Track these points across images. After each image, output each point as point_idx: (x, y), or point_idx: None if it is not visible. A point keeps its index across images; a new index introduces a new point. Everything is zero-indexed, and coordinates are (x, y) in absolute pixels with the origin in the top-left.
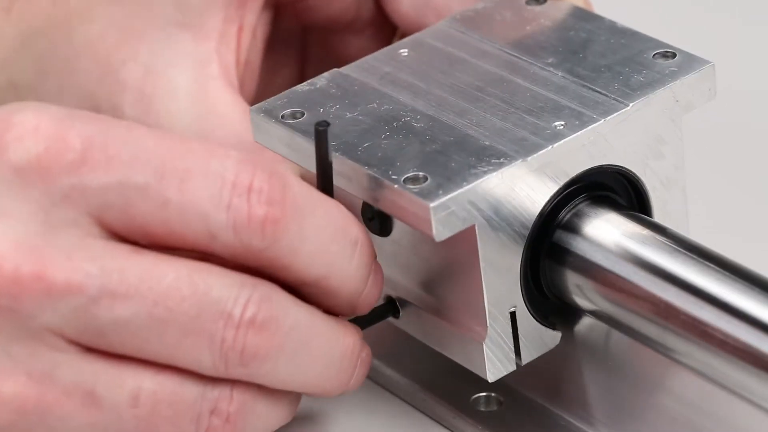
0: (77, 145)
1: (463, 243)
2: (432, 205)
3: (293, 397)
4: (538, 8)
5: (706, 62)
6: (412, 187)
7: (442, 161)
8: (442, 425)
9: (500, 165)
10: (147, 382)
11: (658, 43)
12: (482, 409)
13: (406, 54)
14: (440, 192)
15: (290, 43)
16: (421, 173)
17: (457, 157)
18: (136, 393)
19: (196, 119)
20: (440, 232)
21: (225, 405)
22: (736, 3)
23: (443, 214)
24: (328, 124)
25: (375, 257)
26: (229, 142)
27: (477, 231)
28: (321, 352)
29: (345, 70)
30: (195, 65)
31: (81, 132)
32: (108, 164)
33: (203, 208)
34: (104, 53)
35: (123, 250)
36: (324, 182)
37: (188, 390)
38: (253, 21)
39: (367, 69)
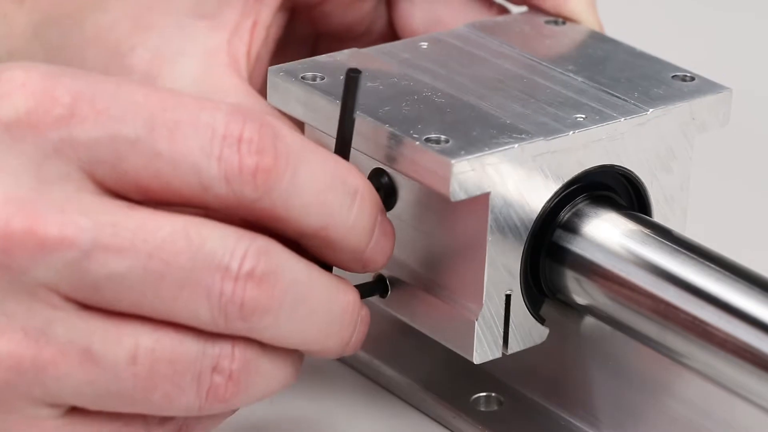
0: (66, 100)
1: (472, 213)
2: (453, 161)
3: (296, 357)
4: (557, 28)
5: (725, 88)
6: (433, 145)
7: (464, 129)
8: (442, 425)
9: (522, 139)
10: (145, 338)
11: (677, 68)
12: (482, 409)
13: (425, 46)
14: (462, 152)
15: (301, 48)
16: (443, 136)
17: (479, 128)
18: (134, 350)
19: (200, 95)
20: (456, 192)
21: (227, 362)
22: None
23: (463, 174)
24: (360, 71)
25: (381, 209)
26: None
27: (490, 200)
28: (321, 306)
29: (365, 50)
30: (205, 53)
31: (69, 87)
32: (97, 118)
33: (194, 159)
34: (114, 42)
35: (117, 205)
36: (343, 135)
37: (188, 347)
38: (268, 19)
39: (387, 53)
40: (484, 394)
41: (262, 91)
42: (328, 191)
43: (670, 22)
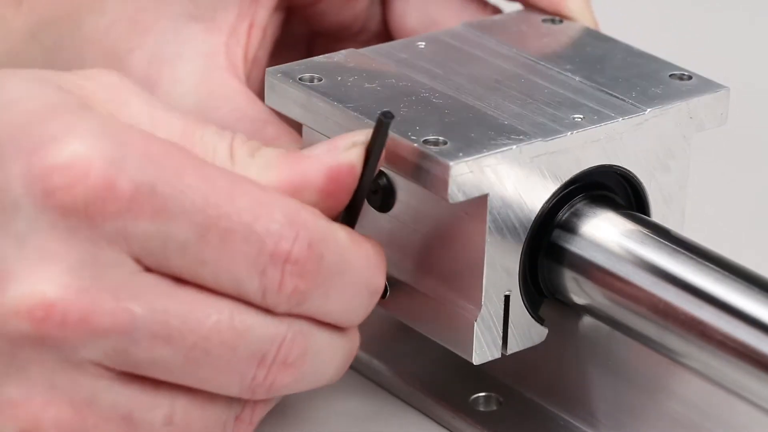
0: (125, 194)
1: (471, 215)
2: (452, 163)
3: None
4: (554, 26)
5: (722, 87)
6: (432, 147)
7: (462, 131)
8: (442, 425)
9: (520, 141)
10: (180, 402)
11: (675, 66)
12: (481, 409)
13: (423, 46)
14: (460, 154)
15: (297, 47)
16: (441, 138)
17: (477, 129)
18: (170, 414)
19: (200, 101)
20: (455, 194)
21: (248, 415)
22: (748, 29)
23: (461, 176)
24: (392, 116)
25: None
26: (233, 116)
27: (489, 201)
28: (332, 369)
29: (362, 50)
30: (202, 56)
31: (131, 177)
32: (153, 215)
33: (237, 272)
34: (112, 43)
35: (166, 286)
36: (362, 187)
37: (217, 407)
38: (265, 20)
39: (384, 53)
40: (483, 394)
41: (260, 92)
42: (353, 297)
43: (666, 21)
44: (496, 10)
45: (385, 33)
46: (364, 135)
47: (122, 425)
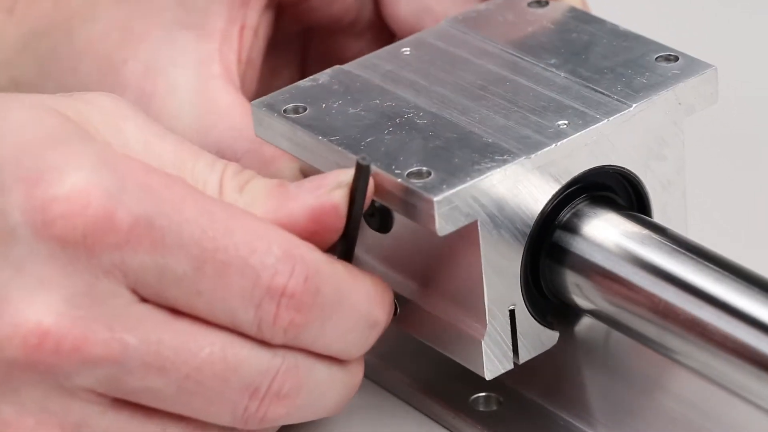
0: (124, 226)
1: (465, 239)
2: (436, 199)
3: None
4: (540, 11)
5: (709, 66)
6: (415, 181)
7: (446, 157)
8: (442, 425)
9: (504, 162)
10: (171, 430)
11: (660, 47)
12: (481, 409)
13: (408, 53)
14: (444, 186)
15: (291, 44)
16: (424, 168)
17: (461, 153)
18: None
19: (197, 117)
20: (443, 226)
21: None
22: (736, 4)
23: (447, 208)
24: (369, 161)
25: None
26: (230, 135)
27: (479, 227)
28: (331, 402)
29: (347, 67)
30: (197, 64)
31: (130, 210)
32: (151, 247)
33: (232, 305)
34: (105, 53)
35: (161, 317)
36: (351, 225)
37: None
38: (255, 21)
39: (369, 66)
40: (483, 394)
41: (256, 95)
42: (351, 331)
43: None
44: None
45: (380, 22)
46: (350, 174)
47: None
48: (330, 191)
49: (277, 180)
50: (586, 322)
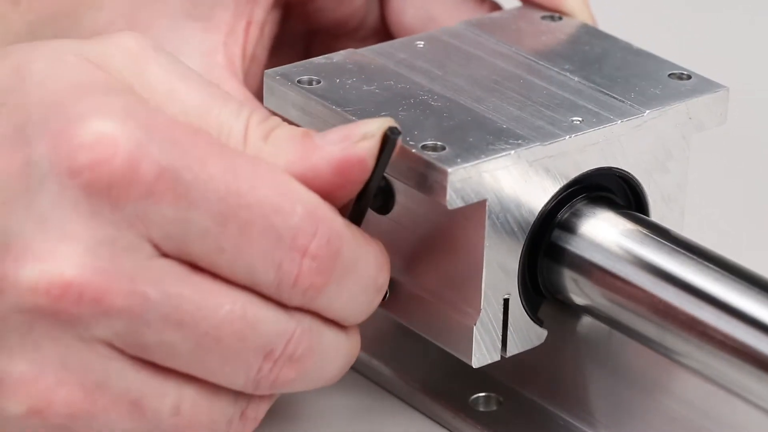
0: (149, 177)
1: (470, 220)
2: (450, 170)
3: None
4: (553, 24)
5: (721, 86)
6: (430, 153)
7: (460, 135)
8: (442, 425)
9: (518, 145)
10: (188, 393)
11: (673, 66)
12: (481, 409)
13: (422, 46)
14: (458, 160)
15: (295, 44)
16: (439, 143)
17: (475, 133)
18: (177, 403)
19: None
20: (453, 200)
21: (252, 413)
22: (744, 26)
23: (459, 182)
24: (399, 132)
25: None
26: None
27: (487, 206)
28: (334, 369)
29: (361, 51)
30: (201, 55)
31: (155, 161)
32: (174, 200)
33: (253, 263)
34: None
35: (183, 272)
36: (367, 192)
37: (222, 400)
38: (262, 17)
39: (383, 53)
40: (483, 394)
41: (259, 90)
42: (362, 293)
43: (666, 20)
44: (495, 7)
45: (384, 29)
46: (377, 125)
47: (131, 411)
48: (356, 143)
49: (302, 129)
50: (586, 322)
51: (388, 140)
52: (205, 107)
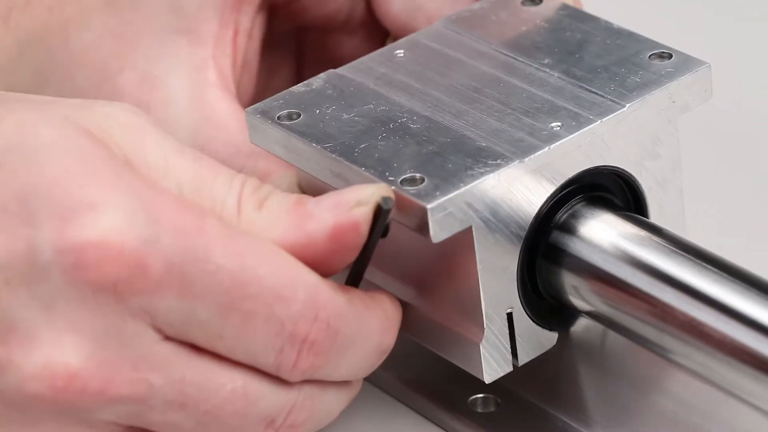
0: (155, 274)
1: (460, 244)
2: (429, 206)
3: None
4: (533, 9)
5: (702, 63)
6: (409, 188)
7: (439, 162)
8: (440, 427)
9: (497, 166)
10: None
11: (654, 44)
12: (479, 410)
13: (402, 55)
14: (437, 193)
15: (286, 43)
16: (418, 175)
17: (454, 158)
18: None
19: (194, 129)
20: (437, 233)
21: None
22: (731, 2)
23: (440, 215)
24: (393, 202)
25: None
26: (227, 151)
27: (474, 232)
28: (334, 416)
29: (341, 70)
30: (192, 72)
31: (162, 259)
32: (179, 294)
33: (254, 349)
34: (100, 60)
35: (184, 355)
36: (366, 255)
37: None
38: (248, 23)
39: (363, 70)
40: (481, 395)
41: (254, 98)
42: (363, 361)
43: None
44: None
45: (374, 19)
46: (370, 192)
47: None
48: (350, 209)
49: (295, 196)
50: (583, 324)
51: (381, 211)
52: (198, 181)
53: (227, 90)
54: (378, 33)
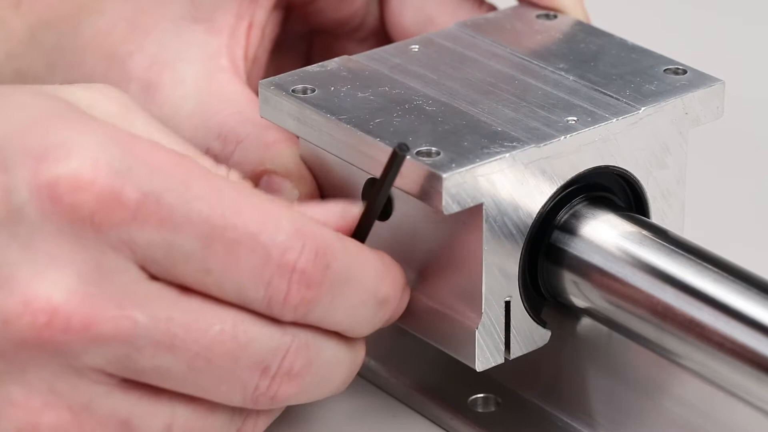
0: (131, 203)
1: (467, 224)
2: (445, 175)
3: None
4: (548, 22)
5: (717, 80)
6: (424, 159)
7: (455, 140)
8: (440, 426)
9: (513, 147)
10: (180, 411)
11: (669, 60)
12: (480, 410)
13: (416, 50)
14: (453, 165)
15: (296, 45)
16: (433, 148)
17: (470, 137)
18: (169, 422)
19: (201, 103)
20: (449, 205)
21: (250, 426)
22: (739, 18)
23: (454, 187)
24: (408, 148)
25: (405, 285)
26: (234, 119)
27: (484, 210)
28: (337, 380)
29: (355, 57)
30: (204, 58)
31: (137, 186)
32: (158, 224)
33: (242, 282)
34: (111, 46)
35: (171, 294)
36: (373, 211)
37: (218, 417)
38: (263, 19)
39: (377, 59)
40: (481, 395)
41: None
42: (360, 308)
43: (662, 16)
44: (491, 8)
45: (383, 30)
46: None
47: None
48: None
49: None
50: (585, 323)
51: (396, 156)
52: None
53: (238, 77)
54: (387, 43)
